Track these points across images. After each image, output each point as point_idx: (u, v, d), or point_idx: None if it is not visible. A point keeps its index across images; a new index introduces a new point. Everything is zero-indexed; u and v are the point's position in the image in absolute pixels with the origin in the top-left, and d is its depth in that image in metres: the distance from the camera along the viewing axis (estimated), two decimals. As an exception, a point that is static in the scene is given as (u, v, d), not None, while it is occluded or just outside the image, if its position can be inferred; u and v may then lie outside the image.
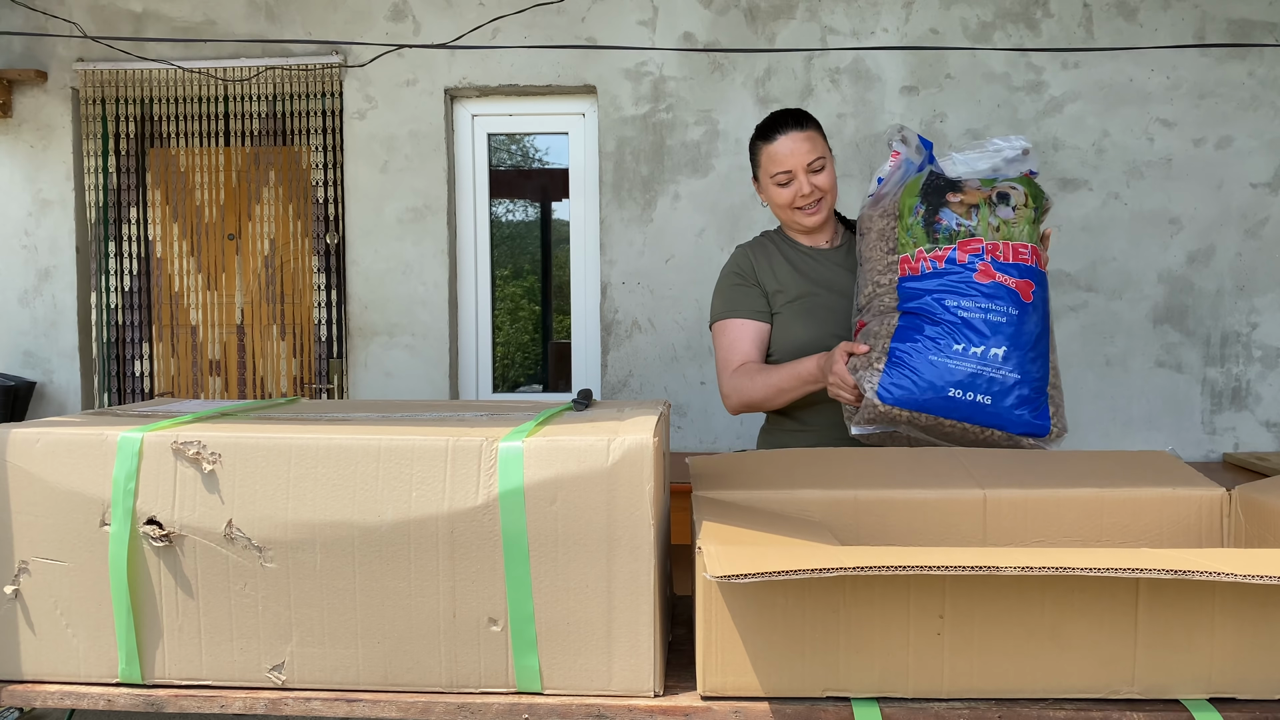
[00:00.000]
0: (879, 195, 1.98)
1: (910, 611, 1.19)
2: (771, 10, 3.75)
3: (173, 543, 1.28)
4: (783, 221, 2.19)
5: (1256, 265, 3.67)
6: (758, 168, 2.15)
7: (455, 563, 1.25)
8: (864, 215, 2.00)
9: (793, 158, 2.07)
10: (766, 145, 2.10)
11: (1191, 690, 1.18)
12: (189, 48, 3.89)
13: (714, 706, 1.23)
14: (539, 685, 1.26)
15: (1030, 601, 1.18)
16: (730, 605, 1.20)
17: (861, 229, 2.00)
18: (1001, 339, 1.75)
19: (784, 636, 1.20)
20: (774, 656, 1.21)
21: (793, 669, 1.21)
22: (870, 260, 1.94)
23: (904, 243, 1.86)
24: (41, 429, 1.31)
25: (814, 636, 1.20)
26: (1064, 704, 1.18)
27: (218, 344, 4.07)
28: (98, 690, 1.31)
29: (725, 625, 1.20)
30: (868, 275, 1.94)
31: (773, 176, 2.10)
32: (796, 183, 2.08)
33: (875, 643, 1.19)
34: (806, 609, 1.20)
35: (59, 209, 4.00)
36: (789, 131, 2.08)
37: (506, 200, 4.16)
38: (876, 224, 1.94)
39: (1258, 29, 3.63)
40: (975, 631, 1.18)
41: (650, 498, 1.23)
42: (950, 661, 1.19)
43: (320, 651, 1.28)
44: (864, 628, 1.19)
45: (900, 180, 1.96)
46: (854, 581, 1.19)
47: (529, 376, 4.22)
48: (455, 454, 1.24)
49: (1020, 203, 1.85)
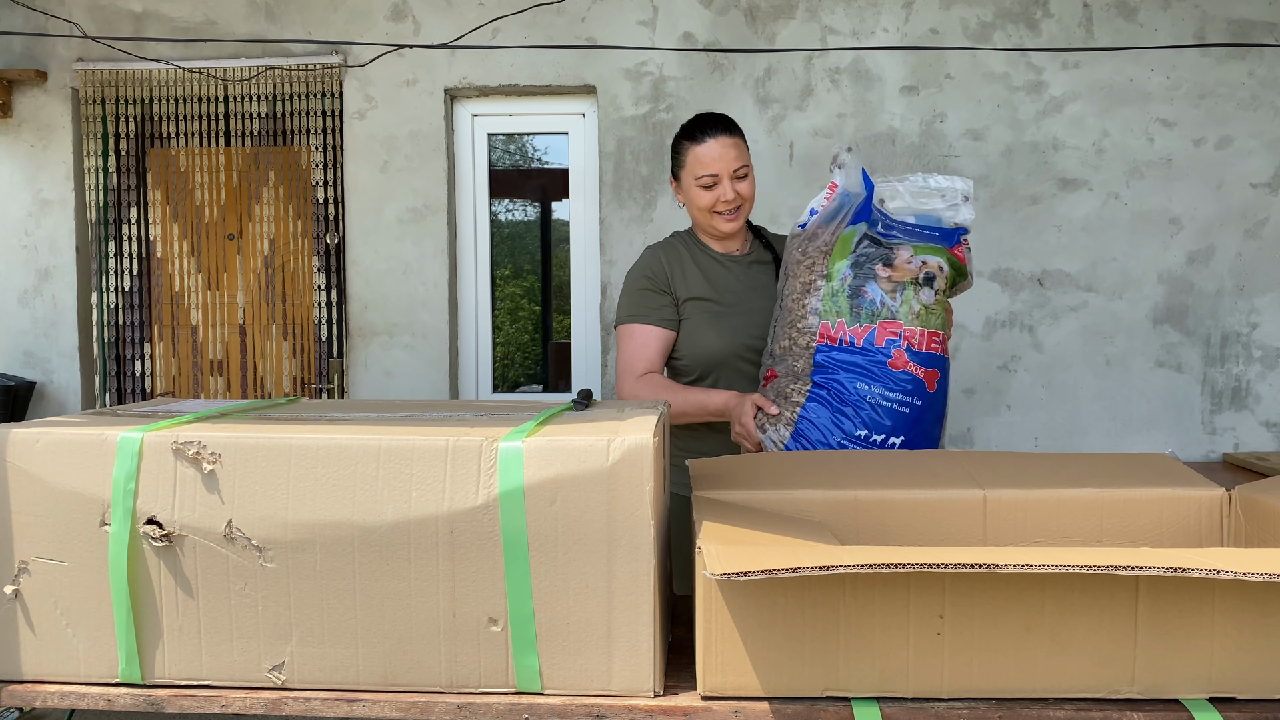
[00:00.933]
0: (812, 231, 1.96)
1: (910, 611, 1.19)
2: (771, 10, 3.75)
3: (173, 543, 1.28)
4: (697, 224, 2.18)
5: (1256, 265, 3.67)
6: (680, 168, 2.14)
7: (455, 563, 1.25)
8: (792, 248, 1.98)
9: (719, 162, 2.07)
10: (694, 146, 2.09)
11: (1192, 690, 1.18)
12: (189, 48, 3.90)
13: (714, 706, 1.23)
14: (539, 685, 1.26)
15: (1030, 601, 1.17)
16: (730, 605, 1.20)
17: (787, 263, 1.99)
18: (902, 429, 1.82)
19: (784, 636, 1.20)
20: (774, 656, 1.21)
21: (793, 669, 1.21)
22: (791, 309, 1.94)
23: (827, 309, 1.87)
24: (41, 429, 1.31)
25: (814, 636, 1.20)
26: (1064, 704, 1.18)
27: (218, 344, 4.07)
28: (98, 690, 1.31)
29: (725, 625, 1.20)
30: (786, 323, 1.94)
31: (697, 178, 2.08)
32: (720, 187, 2.08)
33: (875, 642, 1.19)
34: (806, 609, 1.20)
35: (59, 209, 4.00)
36: (718, 135, 2.08)
37: (506, 200, 4.16)
38: (803, 269, 1.93)
39: (1258, 29, 3.63)
40: (975, 631, 1.18)
41: (650, 498, 1.23)
42: (950, 661, 1.19)
43: (320, 651, 1.28)
44: (864, 627, 1.19)
45: (835, 217, 1.94)
46: (854, 581, 1.19)
47: (529, 376, 4.22)
48: (455, 454, 1.24)
49: (942, 286, 1.89)
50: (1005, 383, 3.73)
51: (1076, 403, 3.71)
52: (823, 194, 1.97)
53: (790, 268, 1.97)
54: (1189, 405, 3.70)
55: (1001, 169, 3.71)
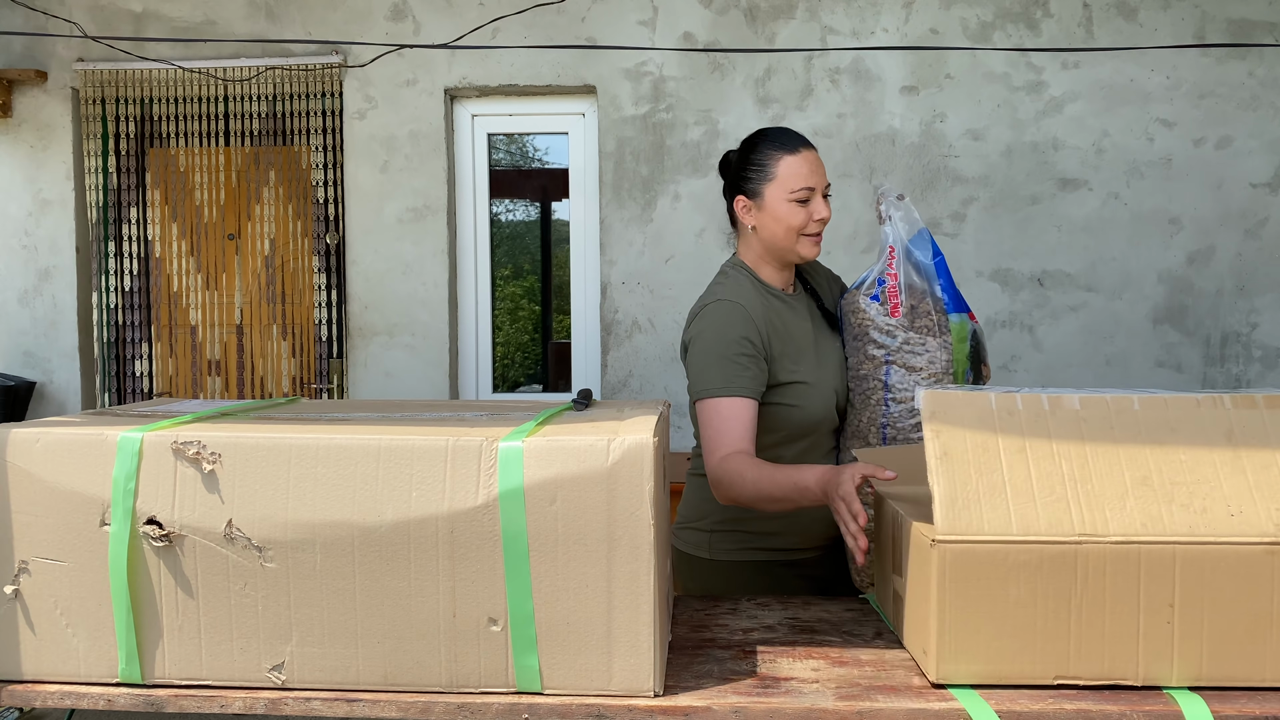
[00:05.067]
0: (907, 309, 1.81)
1: (1140, 601, 1.23)
2: (771, 10, 3.75)
3: (173, 543, 1.28)
4: (776, 249, 1.87)
5: (1256, 265, 3.67)
6: (766, 181, 1.83)
7: (455, 563, 1.25)
8: (879, 325, 1.83)
9: (816, 175, 1.83)
10: (788, 156, 1.82)
11: None
12: (189, 48, 3.89)
13: (714, 705, 1.24)
14: (539, 685, 1.26)
15: (1260, 589, 1.22)
16: (964, 595, 1.25)
17: (887, 345, 1.82)
18: None
19: (1015, 625, 1.25)
20: (1005, 645, 1.25)
21: (1024, 657, 1.25)
22: (913, 412, 1.79)
23: None
24: (41, 429, 1.31)
25: (1045, 626, 1.25)
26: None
27: (217, 344, 4.07)
28: (98, 690, 1.31)
29: (958, 615, 1.25)
30: (908, 426, 1.79)
31: (793, 192, 1.81)
32: (815, 203, 1.83)
33: (1106, 631, 1.24)
34: (1038, 598, 1.24)
35: (59, 209, 4.00)
36: (810, 148, 1.86)
37: (506, 200, 4.16)
38: (914, 359, 1.80)
39: (1258, 29, 3.63)
40: (1205, 620, 1.23)
41: (650, 498, 1.23)
42: (1180, 650, 1.23)
43: (320, 651, 1.28)
44: (1095, 616, 1.24)
45: (916, 284, 1.82)
46: (1085, 570, 1.24)
47: (529, 376, 4.22)
48: (455, 454, 1.24)
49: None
50: (1005, 383, 3.73)
51: (1076, 403, 3.71)
52: (883, 262, 1.84)
53: (891, 355, 1.81)
54: (1189, 405, 3.70)
55: (1001, 169, 3.71)
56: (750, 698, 1.26)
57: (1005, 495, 1.29)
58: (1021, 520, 1.26)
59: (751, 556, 1.90)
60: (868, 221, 3.70)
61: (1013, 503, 1.28)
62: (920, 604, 1.33)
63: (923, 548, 1.30)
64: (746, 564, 1.90)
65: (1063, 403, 1.38)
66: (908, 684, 1.31)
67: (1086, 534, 1.24)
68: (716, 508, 1.88)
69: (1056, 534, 1.25)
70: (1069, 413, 1.37)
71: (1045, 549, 1.24)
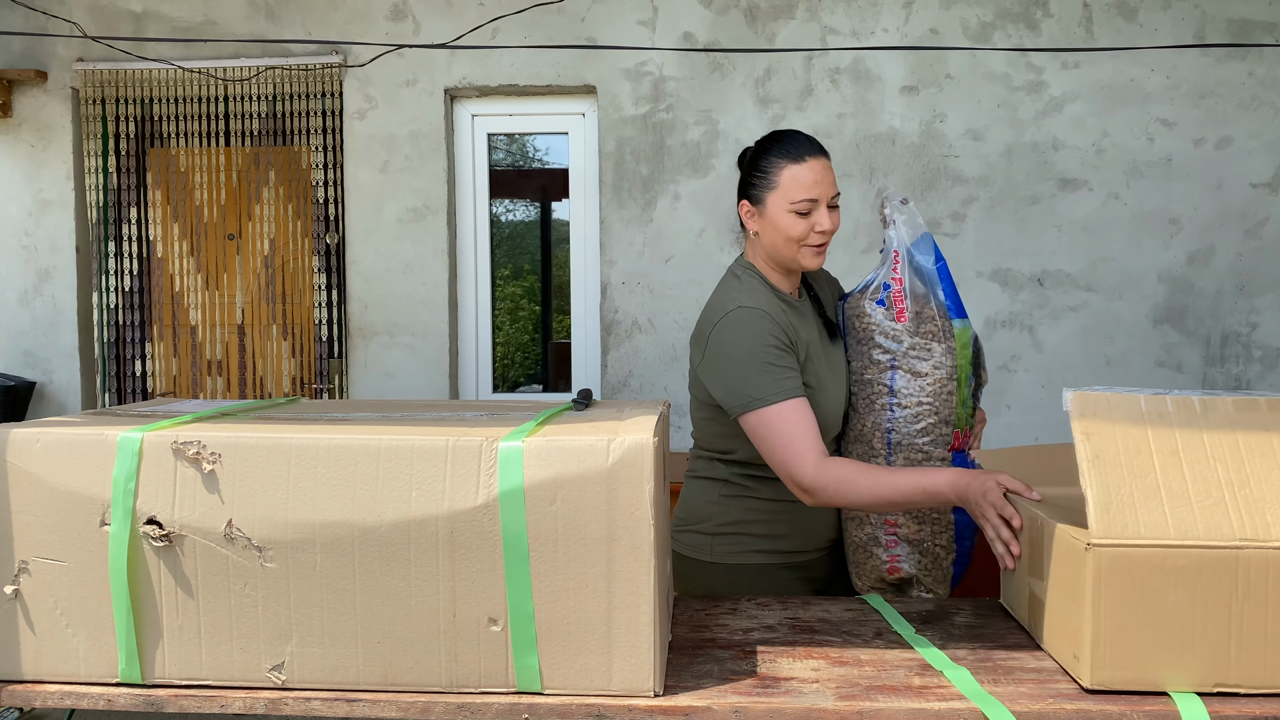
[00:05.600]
0: (913, 314, 1.79)
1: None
2: (771, 10, 3.75)
3: (173, 543, 1.28)
4: (778, 257, 1.84)
5: (1256, 265, 3.67)
6: (768, 189, 1.80)
7: (455, 563, 1.25)
8: (884, 329, 1.81)
9: (820, 186, 1.78)
10: (792, 165, 1.78)
11: None
12: (189, 48, 3.89)
13: (714, 705, 1.24)
14: (539, 685, 1.26)
15: None
16: (1120, 600, 1.24)
17: (892, 351, 1.80)
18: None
19: (1173, 631, 1.24)
20: (1162, 651, 1.24)
21: (1182, 663, 1.24)
22: (919, 415, 1.78)
23: (961, 419, 1.83)
24: (41, 429, 1.31)
25: (1204, 632, 1.23)
26: None
27: (218, 344, 4.07)
28: (98, 690, 1.31)
29: (1114, 620, 1.24)
30: (914, 431, 1.78)
31: (794, 203, 1.77)
32: (817, 215, 1.78)
33: (1269, 639, 1.23)
34: (1197, 604, 1.23)
35: (59, 209, 4.00)
36: (818, 156, 1.80)
37: (506, 200, 4.16)
38: (919, 364, 1.79)
39: (1258, 29, 3.63)
40: None
41: (650, 498, 1.23)
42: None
43: (320, 651, 1.28)
44: (1257, 623, 1.23)
45: (921, 289, 1.81)
46: (1248, 576, 1.23)
47: (529, 376, 4.22)
48: (455, 454, 1.24)
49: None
50: (1005, 383, 3.73)
51: (1076, 403, 3.71)
52: (888, 266, 1.82)
53: (896, 360, 1.79)
54: (1189, 405, 3.70)
55: (1001, 169, 3.71)
56: (750, 698, 1.26)
57: (1160, 498, 1.27)
58: (1179, 524, 1.25)
59: (754, 560, 1.89)
60: (867, 222, 3.70)
61: (1168, 506, 1.26)
62: (1069, 608, 1.32)
63: (1074, 551, 1.29)
64: (749, 567, 1.89)
65: (1216, 405, 1.37)
66: (908, 684, 1.31)
67: (1247, 539, 1.23)
68: (719, 511, 1.87)
69: (1216, 538, 1.24)
70: (1223, 415, 1.36)
71: (1205, 553, 1.23)
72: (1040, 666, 1.38)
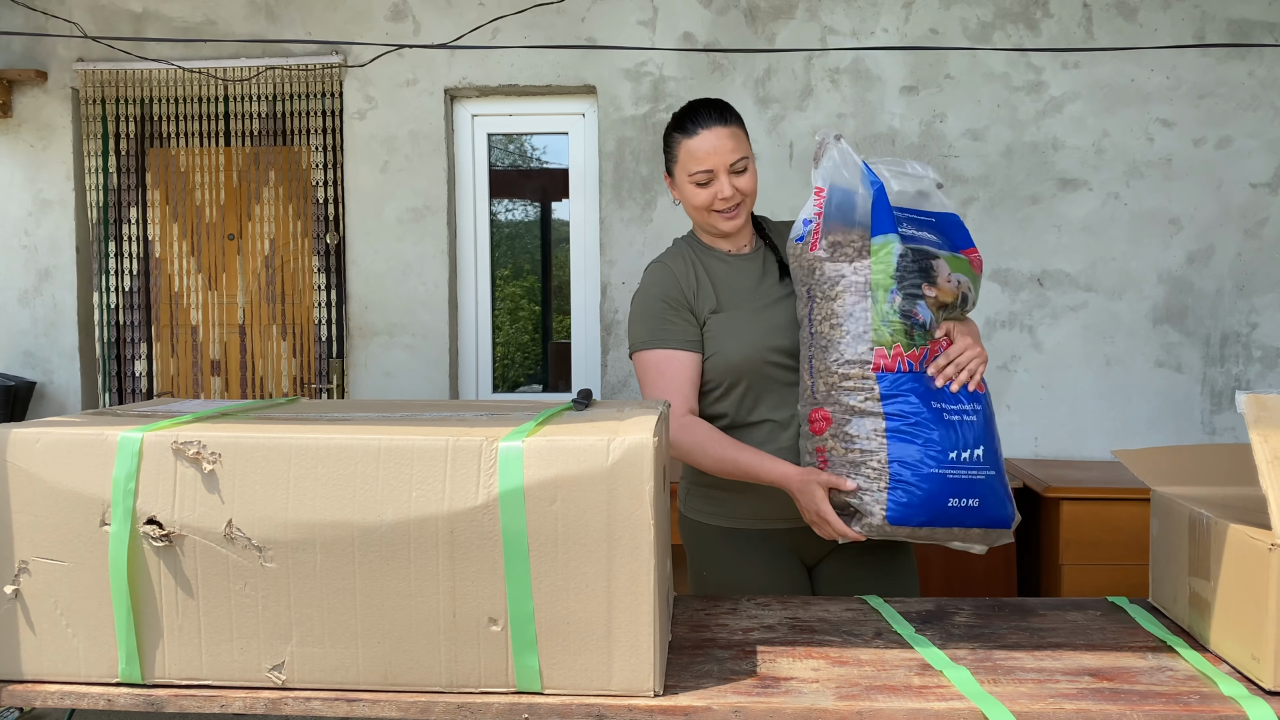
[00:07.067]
0: (828, 244, 1.76)
1: None
2: (771, 10, 3.75)
3: (173, 543, 1.28)
4: (696, 223, 1.99)
5: (1256, 265, 3.67)
6: (673, 162, 1.93)
7: (455, 563, 1.25)
8: (804, 266, 1.80)
9: (714, 156, 1.87)
10: (685, 140, 1.89)
11: None
12: (189, 48, 3.90)
13: (714, 705, 1.24)
14: (539, 685, 1.26)
15: None
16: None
17: (808, 284, 1.80)
18: (981, 438, 1.71)
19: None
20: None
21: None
22: (828, 338, 1.75)
23: (881, 336, 1.72)
24: (41, 429, 1.31)
25: None
26: None
27: (218, 344, 4.07)
28: (98, 690, 1.31)
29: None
30: (828, 356, 1.76)
31: (691, 175, 1.89)
32: (717, 184, 1.88)
33: None
34: None
35: (59, 209, 4.00)
36: (712, 126, 1.88)
37: (506, 200, 4.16)
38: (831, 290, 1.75)
39: (1258, 29, 3.63)
40: None
41: (650, 498, 1.23)
42: None
43: (320, 651, 1.28)
44: None
45: (845, 222, 1.76)
46: None
47: (529, 376, 4.22)
48: (455, 454, 1.24)
49: (971, 303, 1.83)
50: (1005, 383, 3.73)
51: (1076, 403, 3.71)
52: (811, 203, 1.80)
53: (813, 290, 1.79)
54: (1189, 405, 3.70)
55: (1001, 169, 3.71)
56: (750, 698, 1.26)
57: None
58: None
59: (719, 522, 1.95)
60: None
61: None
62: (1246, 610, 1.32)
63: (1254, 552, 1.29)
64: (714, 529, 1.95)
65: None
66: (908, 684, 1.31)
67: None
68: (690, 467, 1.97)
69: None
70: None
71: None
72: (1040, 666, 1.38)
